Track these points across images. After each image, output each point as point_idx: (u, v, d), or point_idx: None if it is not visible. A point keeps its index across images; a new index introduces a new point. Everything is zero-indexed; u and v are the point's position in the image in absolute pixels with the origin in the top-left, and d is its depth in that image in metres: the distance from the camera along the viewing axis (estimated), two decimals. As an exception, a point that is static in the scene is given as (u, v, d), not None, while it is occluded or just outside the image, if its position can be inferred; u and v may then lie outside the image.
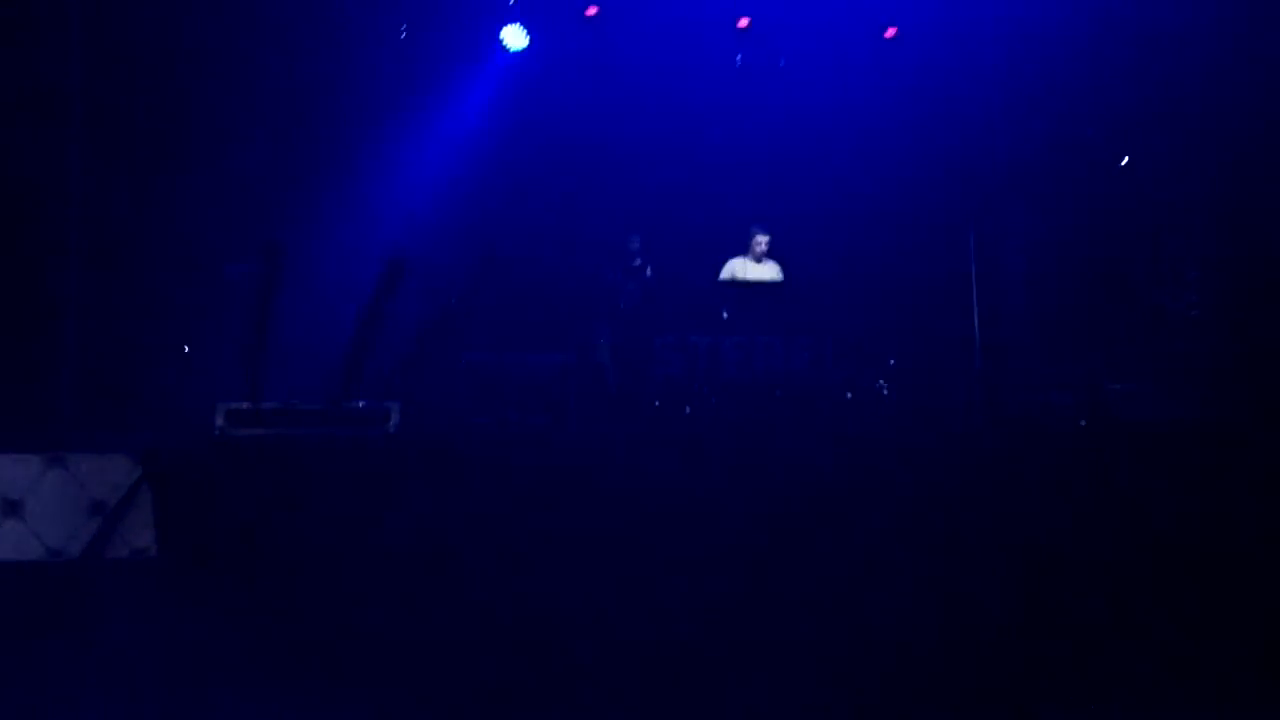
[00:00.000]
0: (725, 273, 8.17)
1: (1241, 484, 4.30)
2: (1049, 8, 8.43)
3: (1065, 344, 8.13)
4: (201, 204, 7.45)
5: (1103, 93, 8.63)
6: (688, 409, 7.23)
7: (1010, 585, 3.89)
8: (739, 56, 9.38)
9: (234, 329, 6.71)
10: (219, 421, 4.80)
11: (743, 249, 8.18)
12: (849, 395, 7.56)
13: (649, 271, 8.07)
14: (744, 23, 9.15)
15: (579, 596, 3.14)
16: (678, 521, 3.73)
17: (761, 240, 8.06)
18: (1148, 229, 8.48)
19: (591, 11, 8.85)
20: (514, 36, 8.60)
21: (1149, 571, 3.55)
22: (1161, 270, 8.32)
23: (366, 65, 8.13)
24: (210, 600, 3.97)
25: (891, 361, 7.80)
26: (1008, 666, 3.05)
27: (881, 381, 7.68)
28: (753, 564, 3.61)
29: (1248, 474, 4.37)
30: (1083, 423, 7.00)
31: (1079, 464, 5.09)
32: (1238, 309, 7.51)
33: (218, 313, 7.10)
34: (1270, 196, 7.39)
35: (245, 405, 4.82)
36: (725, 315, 7.42)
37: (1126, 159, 8.68)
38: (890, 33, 9.20)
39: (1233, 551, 3.85)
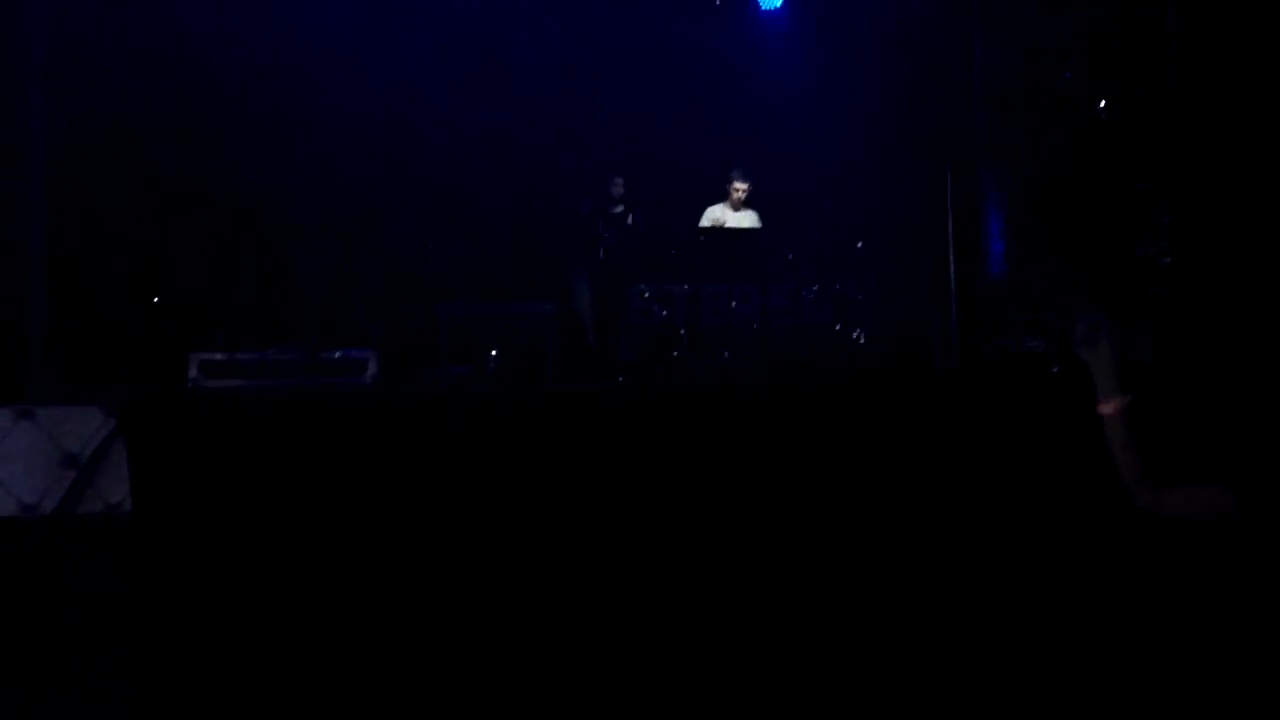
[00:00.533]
0: (704, 220, 8.11)
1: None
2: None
3: (1039, 289, 8.17)
4: (174, 147, 7.26)
5: (1083, 30, 8.57)
6: (670, 355, 7.23)
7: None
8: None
9: (205, 277, 6.65)
10: (192, 372, 4.76)
11: (722, 195, 8.12)
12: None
13: (631, 219, 7.99)
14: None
15: (563, 561, 3.16)
16: (661, 479, 3.75)
17: (740, 187, 7.99)
18: (1120, 174, 8.49)
19: None
20: None
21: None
22: (1133, 216, 8.35)
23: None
24: (186, 557, 3.96)
25: (867, 308, 7.84)
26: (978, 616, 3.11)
27: (858, 330, 7.71)
28: (733, 520, 3.64)
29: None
30: (1055, 369, 7.08)
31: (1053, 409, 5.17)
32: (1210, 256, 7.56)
33: (190, 261, 6.98)
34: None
35: (219, 356, 4.77)
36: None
37: (1104, 103, 8.65)
38: None
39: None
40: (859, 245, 8.09)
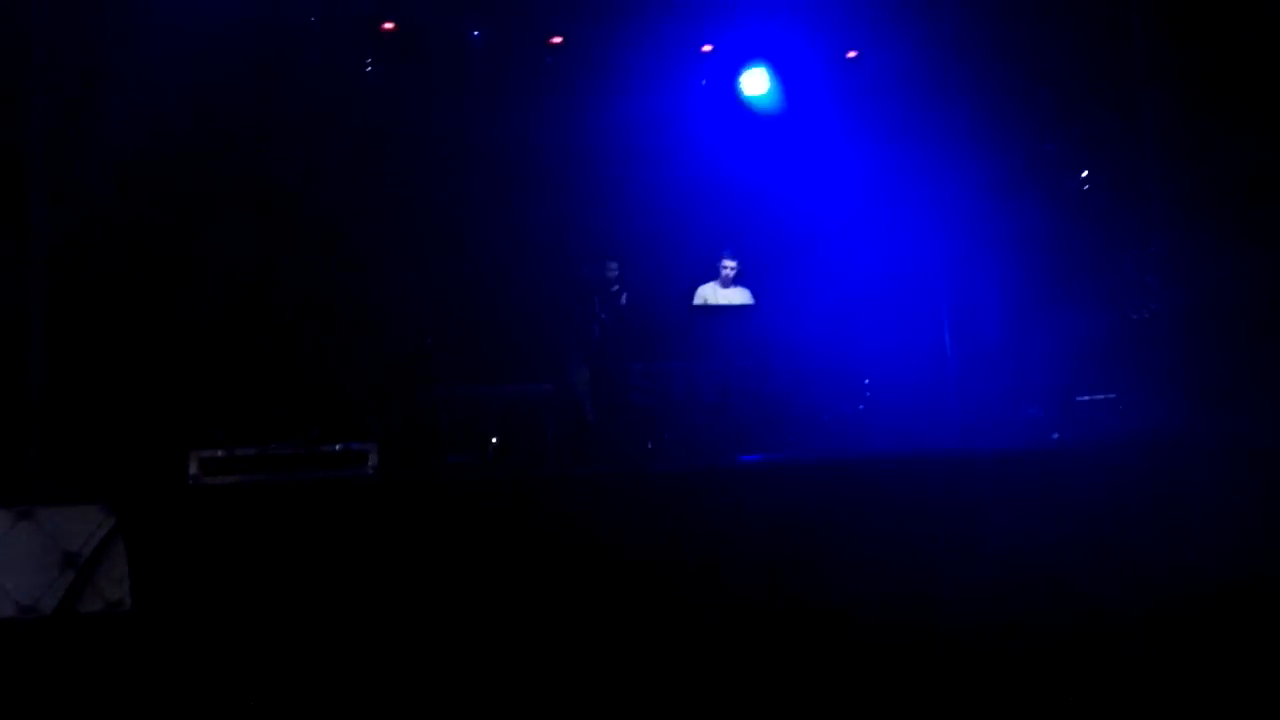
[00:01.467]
0: (697, 299, 8.21)
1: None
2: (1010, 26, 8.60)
3: (1035, 357, 8.22)
4: (170, 239, 7.31)
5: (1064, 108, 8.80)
6: (664, 437, 7.21)
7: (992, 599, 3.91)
8: (704, 80, 9.52)
9: (208, 373, 6.63)
10: (192, 470, 4.74)
11: (713, 274, 8.22)
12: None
13: (624, 299, 8.07)
14: (707, 48, 9.30)
15: (567, 644, 3.11)
16: (666, 560, 3.72)
17: (729, 265, 8.12)
18: (1108, 239, 8.62)
19: (556, 40, 8.95)
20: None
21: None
22: (1123, 279, 8.45)
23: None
24: (188, 654, 3.89)
25: (867, 381, 7.86)
26: (985, 682, 3.05)
27: (861, 406, 7.74)
28: (741, 592, 3.60)
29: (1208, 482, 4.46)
30: (1055, 435, 7.09)
31: (1056, 477, 5.16)
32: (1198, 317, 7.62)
33: (191, 357, 6.99)
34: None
35: (219, 453, 4.75)
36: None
37: (1086, 173, 8.84)
38: (851, 55, 9.36)
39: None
40: (854, 319, 8.15)
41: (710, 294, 8.19)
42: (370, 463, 4.85)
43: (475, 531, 4.08)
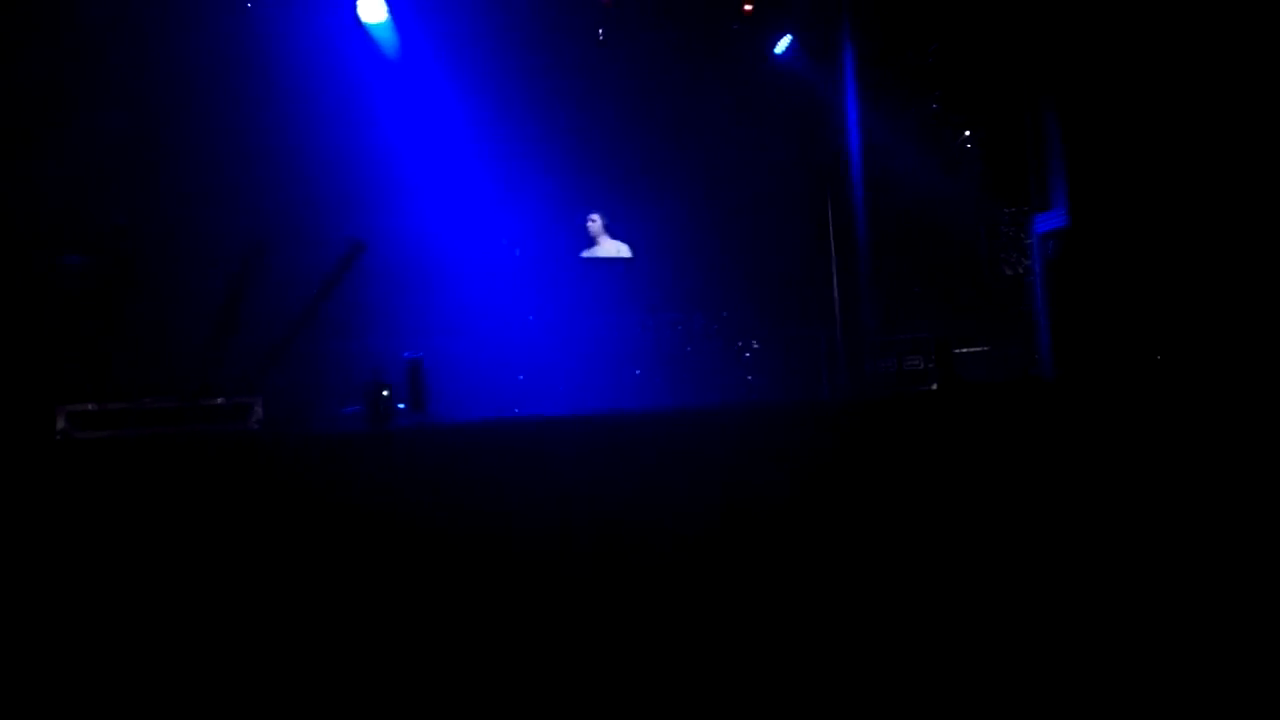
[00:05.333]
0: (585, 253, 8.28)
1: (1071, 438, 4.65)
2: None
3: (915, 311, 8.53)
4: (37, 193, 6.89)
5: (950, 69, 9.05)
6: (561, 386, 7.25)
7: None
8: (601, 31, 9.40)
9: (71, 326, 6.29)
10: (60, 424, 4.53)
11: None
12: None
13: (518, 251, 8.03)
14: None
15: (461, 595, 3.11)
16: (545, 508, 3.76)
17: (595, 219, 8.25)
18: (988, 200, 8.96)
19: None
20: (372, 9, 8.25)
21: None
22: (999, 238, 8.83)
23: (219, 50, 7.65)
24: (56, 621, 3.74)
25: (754, 341, 8.05)
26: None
27: (748, 353, 7.90)
28: (611, 541, 3.65)
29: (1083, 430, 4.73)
30: (934, 385, 7.40)
31: (934, 425, 5.39)
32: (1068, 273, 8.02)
33: (54, 310, 6.63)
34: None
35: (90, 406, 4.56)
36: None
37: (968, 133, 9.14)
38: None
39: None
40: (744, 274, 8.32)
41: (590, 250, 8.30)
42: (255, 416, 4.73)
43: (357, 487, 4.03)
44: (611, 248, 8.27)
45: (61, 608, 3.67)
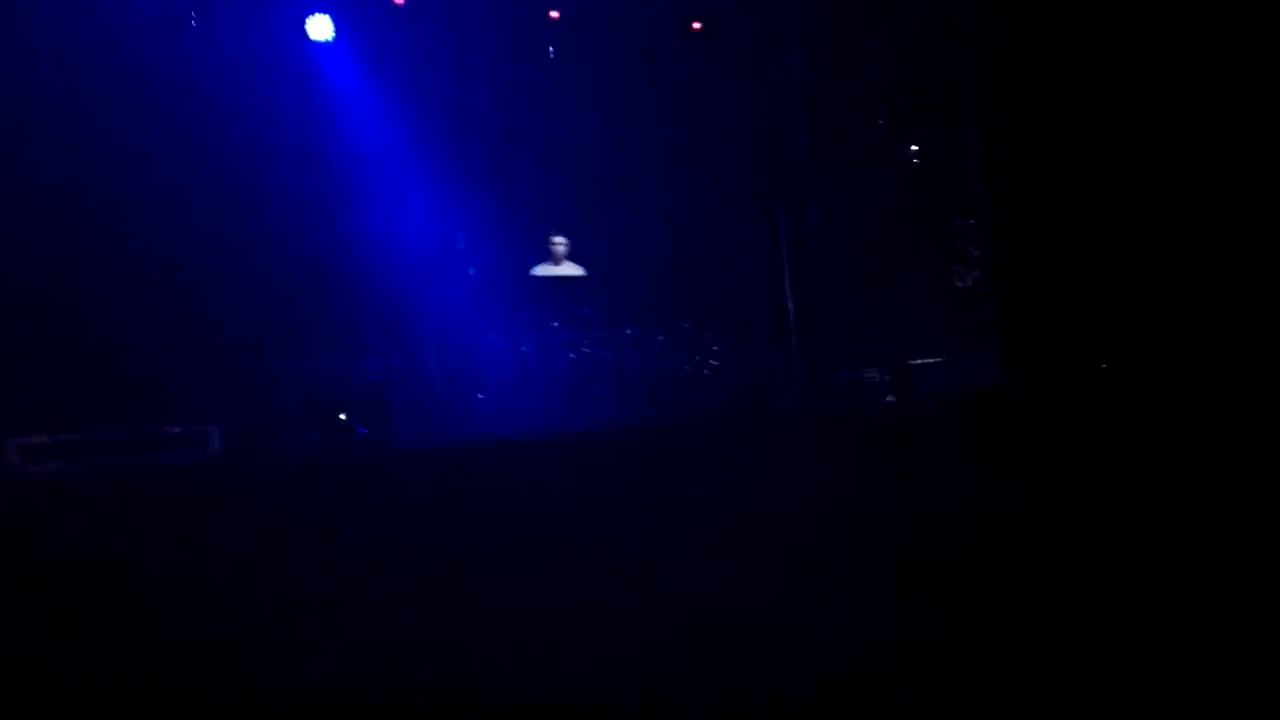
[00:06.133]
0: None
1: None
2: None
3: (870, 322, 8.66)
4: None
5: (895, 84, 9.23)
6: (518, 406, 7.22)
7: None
8: (551, 49, 9.42)
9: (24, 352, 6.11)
10: (11, 459, 4.41)
11: (543, 255, 8.26)
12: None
13: (471, 270, 8.00)
14: (555, 15, 9.19)
15: (428, 625, 3.10)
16: (517, 530, 3.75)
17: (560, 242, 8.17)
18: (935, 213, 9.15)
19: (400, 1, 8.63)
20: (320, 28, 8.23)
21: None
22: (949, 251, 9.02)
23: (160, 58, 7.51)
24: (10, 657, 3.63)
25: (715, 348, 8.10)
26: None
27: (706, 371, 7.96)
28: (583, 562, 3.65)
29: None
30: (891, 397, 7.52)
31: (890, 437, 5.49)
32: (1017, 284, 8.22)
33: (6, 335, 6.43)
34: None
35: (43, 439, 4.44)
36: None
37: (915, 147, 9.34)
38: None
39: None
40: (700, 289, 8.38)
41: (544, 270, 8.25)
42: (212, 444, 4.64)
43: (327, 513, 3.99)
44: (568, 268, 8.27)
45: (16, 644, 3.57)
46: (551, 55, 9.43)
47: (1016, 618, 2.74)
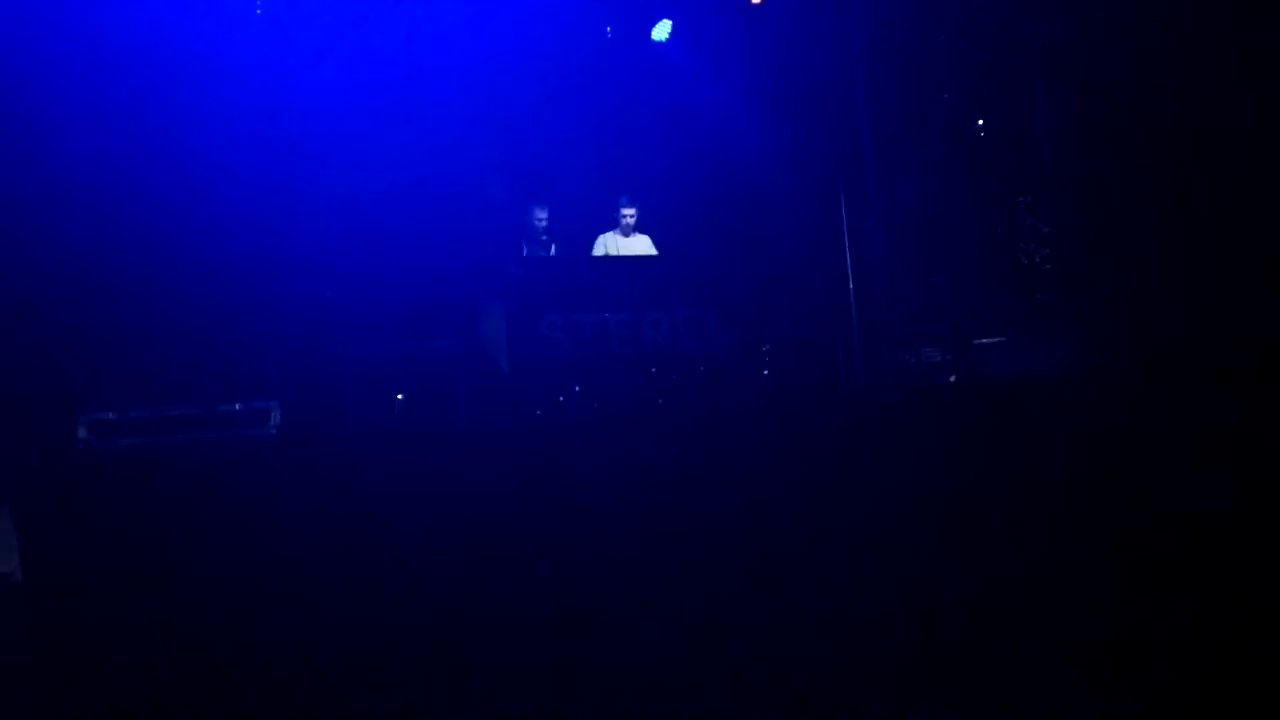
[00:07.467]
0: (597, 248, 8.11)
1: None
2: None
3: (933, 302, 8.48)
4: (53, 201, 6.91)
5: (960, 58, 8.99)
6: (575, 389, 7.21)
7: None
8: (609, 28, 9.40)
9: (95, 334, 6.33)
10: (82, 434, 4.56)
11: (611, 224, 8.14)
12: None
13: (553, 249, 7.93)
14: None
15: (483, 598, 3.12)
16: (576, 511, 3.75)
17: (629, 213, 8.00)
18: (1003, 189, 8.90)
19: None
20: None
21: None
22: (1017, 227, 8.76)
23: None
24: (84, 628, 3.76)
25: (771, 328, 7.99)
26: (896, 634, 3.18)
27: (765, 347, 7.86)
28: (644, 545, 3.65)
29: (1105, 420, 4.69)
30: (952, 378, 7.35)
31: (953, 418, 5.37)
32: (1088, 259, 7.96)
33: (77, 316, 6.66)
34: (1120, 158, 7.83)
35: (110, 415, 4.58)
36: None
37: (981, 121, 9.08)
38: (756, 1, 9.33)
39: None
40: (762, 268, 8.26)
41: (611, 243, 8.10)
42: (273, 421, 4.74)
43: (377, 489, 4.04)
44: (637, 241, 8.12)
45: (86, 615, 3.69)
46: (609, 35, 9.42)
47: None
